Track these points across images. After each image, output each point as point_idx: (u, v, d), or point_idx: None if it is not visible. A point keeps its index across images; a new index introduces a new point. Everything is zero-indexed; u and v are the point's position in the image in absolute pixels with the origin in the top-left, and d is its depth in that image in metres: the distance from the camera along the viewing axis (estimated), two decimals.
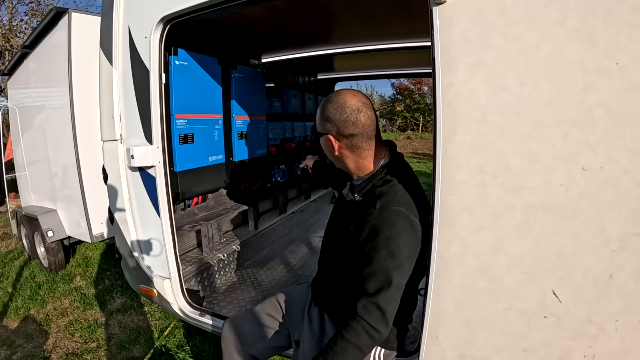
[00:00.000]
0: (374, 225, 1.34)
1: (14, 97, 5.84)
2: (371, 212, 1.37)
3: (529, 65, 1.23)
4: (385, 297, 1.29)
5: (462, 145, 1.34)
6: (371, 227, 1.34)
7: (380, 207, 1.36)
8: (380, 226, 1.32)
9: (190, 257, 3.05)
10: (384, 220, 1.33)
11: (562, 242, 1.28)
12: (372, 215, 1.36)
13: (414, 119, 27.16)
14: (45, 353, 3.16)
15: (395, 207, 1.34)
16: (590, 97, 1.18)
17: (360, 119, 1.41)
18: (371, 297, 1.30)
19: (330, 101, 1.46)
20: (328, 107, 1.45)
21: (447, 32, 1.31)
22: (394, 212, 1.34)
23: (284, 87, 4.60)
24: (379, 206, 1.36)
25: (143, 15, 2.15)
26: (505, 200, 1.31)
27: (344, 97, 1.44)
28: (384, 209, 1.35)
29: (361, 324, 1.29)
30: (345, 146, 1.48)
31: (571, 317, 1.32)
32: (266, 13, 2.62)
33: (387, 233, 1.31)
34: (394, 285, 1.30)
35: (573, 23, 1.17)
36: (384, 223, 1.32)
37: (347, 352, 1.30)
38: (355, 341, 1.30)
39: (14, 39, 13.90)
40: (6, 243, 6.24)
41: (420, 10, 2.35)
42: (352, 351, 1.30)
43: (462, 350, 1.48)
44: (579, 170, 1.22)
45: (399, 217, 1.33)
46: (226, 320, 1.92)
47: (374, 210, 1.36)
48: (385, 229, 1.31)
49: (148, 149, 2.20)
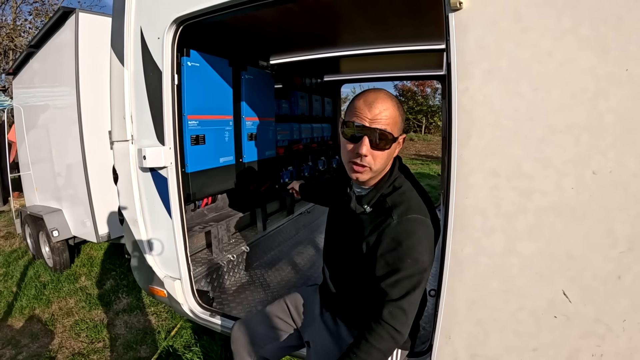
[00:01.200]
0: (394, 236, 1.34)
1: (18, 96, 5.85)
2: (389, 223, 1.36)
3: (542, 72, 1.26)
4: (410, 301, 1.31)
5: (477, 149, 1.37)
6: (391, 239, 1.34)
7: (398, 217, 1.35)
8: (401, 237, 1.32)
9: (200, 258, 3.07)
10: (404, 230, 1.33)
11: (573, 243, 1.31)
12: (390, 227, 1.35)
13: (416, 120, 27.15)
14: (51, 353, 3.17)
15: (413, 215, 1.35)
16: (600, 103, 1.21)
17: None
18: (396, 302, 1.31)
19: (400, 104, 1.42)
20: (402, 109, 1.42)
21: (462, 38, 1.34)
22: (412, 220, 1.34)
23: (291, 89, 4.62)
24: (396, 217, 1.35)
25: (155, 16, 2.16)
26: (518, 203, 1.34)
27: (387, 91, 1.41)
28: (403, 219, 1.34)
29: (386, 328, 1.31)
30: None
31: (580, 317, 1.34)
32: (278, 15, 2.64)
33: (409, 242, 1.31)
34: (419, 289, 1.32)
35: (585, 31, 1.20)
36: (404, 233, 1.33)
37: (372, 356, 1.31)
38: (380, 346, 1.31)
39: (18, 38, 13.94)
40: (10, 242, 6.25)
41: (431, 15, 2.38)
42: (376, 355, 1.32)
43: (474, 350, 1.51)
44: (589, 174, 1.25)
45: (418, 225, 1.34)
46: (236, 322, 1.94)
47: (391, 221, 1.35)
48: (407, 238, 1.32)
49: (160, 150, 2.21)
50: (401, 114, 1.39)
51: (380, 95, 1.36)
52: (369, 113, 1.33)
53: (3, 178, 7.22)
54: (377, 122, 1.33)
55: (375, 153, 1.36)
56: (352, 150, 1.39)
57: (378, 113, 1.33)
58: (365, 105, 1.35)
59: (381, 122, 1.33)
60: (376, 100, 1.35)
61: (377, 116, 1.33)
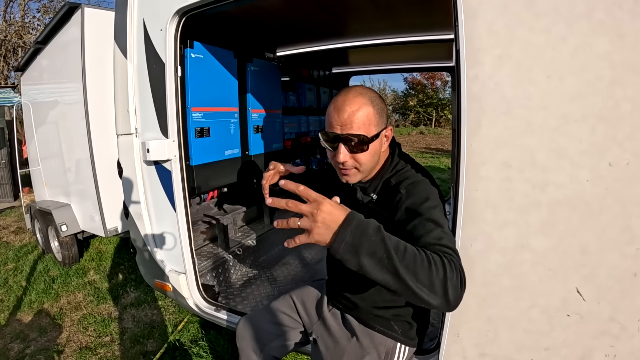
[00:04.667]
0: (408, 206, 1.26)
1: (27, 93, 5.87)
2: (399, 198, 1.30)
3: (556, 58, 1.21)
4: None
5: (488, 139, 1.32)
6: (405, 209, 1.26)
7: (406, 189, 1.31)
8: (415, 204, 1.26)
9: (205, 252, 3.06)
10: (415, 197, 1.28)
11: (587, 239, 1.26)
12: (401, 201, 1.29)
13: (426, 114, 27.09)
14: (59, 347, 3.18)
15: (419, 179, 1.34)
16: (617, 91, 1.16)
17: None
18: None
19: (376, 96, 1.35)
20: (379, 101, 1.34)
21: (472, 23, 1.29)
22: (418, 184, 1.32)
23: (299, 81, 4.59)
24: (404, 190, 1.31)
25: (158, 8, 2.13)
26: (531, 196, 1.29)
27: (364, 87, 1.36)
28: (410, 189, 1.30)
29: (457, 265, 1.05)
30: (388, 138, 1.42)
31: (594, 316, 1.30)
32: (283, 5, 2.60)
33: (425, 205, 1.23)
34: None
35: (600, 16, 1.16)
36: (417, 199, 1.26)
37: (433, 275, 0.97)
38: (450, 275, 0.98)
39: (27, 35, 14.06)
40: (20, 237, 6.30)
41: (440, 3, 2.32)
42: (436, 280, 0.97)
43: (482, 349, 1.47)
44: (605, 166, 1.20)
45: (425, 187, 1.31)
46: (241, 319, 1.92)
47: (401, 196, 1.30)
48: (420, 204, 1.24)
49: (164, 143, 2.19)
50: (377, 108, 1.32)
51: (349, 96, 1.30)
52: (338, 119, 1.29)
53: (13, 174, 7.28)
54: (348, 127, 1.28)
55: (356, 156, 1.33)
56: (332, 157, 1.37)
57: (347, 117, 1.27)
58: (334, 112, 1.30)
59: (352, 125, 1.28)
60: (344, 103, 1.29)
61: (346, 121, 1.28)
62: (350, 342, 1.58)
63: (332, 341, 1.64)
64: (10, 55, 14.26)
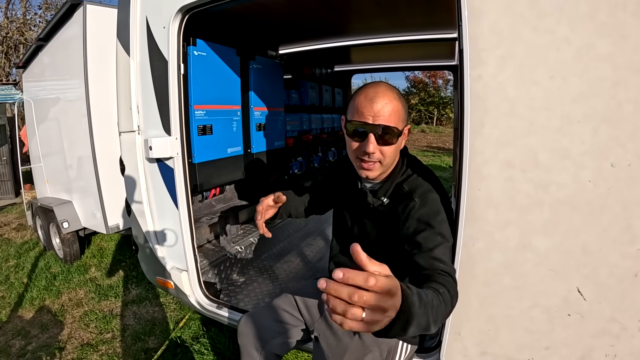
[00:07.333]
0: (420, 217, 1.33)
1: (29, 89, 5.88)
2: (413, 206, 1.35)
3: (559, 59, 1.21)
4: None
5: (490, 139, 1.32)
6: (417, 220, 1.33)
7: (420, 198, 1.36)
8: (428, 216, 1.32)
9: (207, 249, 3.06)
10: (430, 209, 1.34)
11: (589, 239, 1.27)
12: (414, 209, 1.35)
13: (428, 112, 27.04)
14: (60, 343, 3.19)
15: (434, 195, 1.37)
16: (620, 92, 1.17)
17: None
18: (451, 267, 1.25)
19: (400, 94, 1.39)
20: (403, 99, 1.39)
21: (475, 23, 1.30)
22: (435, 200, 1.36)
23: (301, 79, 4.58)
24: (418, 199, 1.36)
25: (161, 5, 2.13)
26: (534, 195, 1.29)
27: (386, 83, 1.38)
28: (424, 196, 1.36)
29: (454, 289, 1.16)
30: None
31: (595, 316, 1.31)
32: (285, 2, 2.59)
33: (437, 219, 1.31)
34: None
35: (603, 17, 1.16)
36: (430, 213, 1.33)
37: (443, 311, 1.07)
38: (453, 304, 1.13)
39: (28, 32, 14.06)
40: (21, 234, 6.31)
41: (443, 2, 2.32)
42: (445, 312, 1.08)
43: (484, 347, 1.47)
44: (607, 166, 1.21)
45: (439, 203, 1.36)
46: (243, 316, 1.92)
47: (414, 204, 1.35)
48: (433, 217, 1.32)
49: (166, 140, 2.19)
50: (403, 105, 1.37)
51: (381, 88, 1.33)
52: (371, 109, 1.31)
53: (15, 171, 7.28)
54: (381, 118, 1.30)
55: (383, 148, 1.35)
56: (358, 148, 1.38)
57: (380, 108, 1.30)
58: (366, 101, 1.32)
59: (384, 117, 1.30)
60: (377, 94, 1.32)
61: (379, 111, 1.30)
62: (353, 339, 1.58)
63: (334, 339, 1.64)
64: (11, 52, 14.26)
